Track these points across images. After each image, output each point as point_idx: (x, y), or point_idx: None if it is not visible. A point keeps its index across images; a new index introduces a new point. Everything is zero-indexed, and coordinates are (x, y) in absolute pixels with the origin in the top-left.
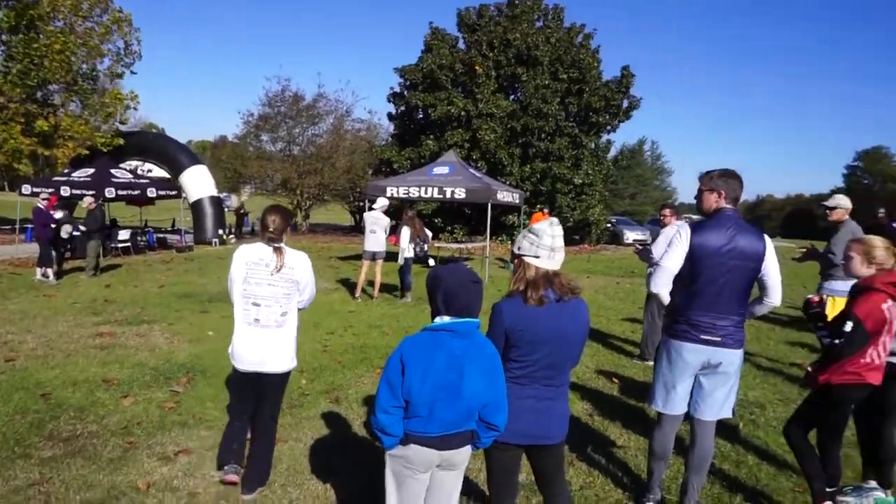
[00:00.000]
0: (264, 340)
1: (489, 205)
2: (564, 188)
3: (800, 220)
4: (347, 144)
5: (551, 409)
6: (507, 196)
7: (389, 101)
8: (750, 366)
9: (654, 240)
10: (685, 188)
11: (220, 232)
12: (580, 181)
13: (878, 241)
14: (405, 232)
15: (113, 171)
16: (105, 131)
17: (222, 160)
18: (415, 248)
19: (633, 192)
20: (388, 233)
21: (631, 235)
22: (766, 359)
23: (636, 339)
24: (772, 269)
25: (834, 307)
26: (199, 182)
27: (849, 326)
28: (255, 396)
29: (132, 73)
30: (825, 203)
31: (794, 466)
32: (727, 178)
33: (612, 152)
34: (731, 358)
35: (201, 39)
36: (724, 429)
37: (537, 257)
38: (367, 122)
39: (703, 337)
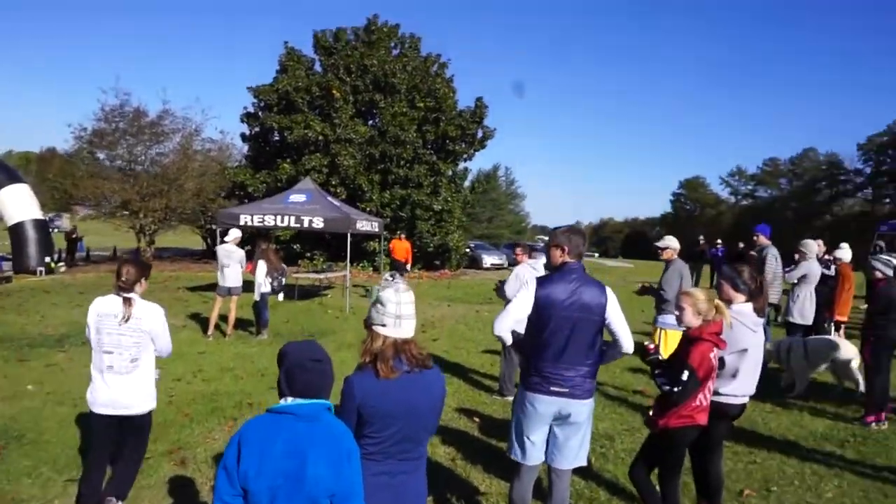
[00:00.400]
0: (116, 385)
1: (349, 234)
2: (424, 214)
3: (636, 241)
4: (197, 166)
5: (406, 484)
6: (366, 225)
7: (243, 122)
8: (599, 395)
9: (510, 264)
10: (537, 211)
11: (48, 259)
12: (439, 207)
13: (700, 295)
14: (261, 266)
15: None
16: None
17: (49, 178)
18: (272, 283)
19: (489, 216)
20: (243, 265)
21: (489, 259)
22: (613, 387)
23: (496, 373)
24: (615, 320)
25: (667, 340)
26: (19, 203)
27: (685, 375)
28: (113, 442)
29: None
30: (657, 244)
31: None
32: (570, 235)
33: (470, 179)
34: (580, 408)
35: (24, 38)
36: None
37: (384, 325)
38: (218, 143)
39: (552, 389)
